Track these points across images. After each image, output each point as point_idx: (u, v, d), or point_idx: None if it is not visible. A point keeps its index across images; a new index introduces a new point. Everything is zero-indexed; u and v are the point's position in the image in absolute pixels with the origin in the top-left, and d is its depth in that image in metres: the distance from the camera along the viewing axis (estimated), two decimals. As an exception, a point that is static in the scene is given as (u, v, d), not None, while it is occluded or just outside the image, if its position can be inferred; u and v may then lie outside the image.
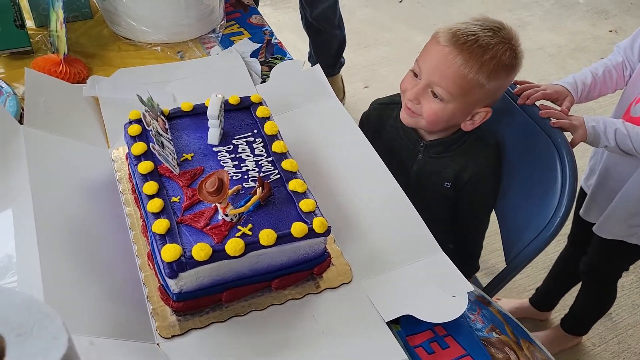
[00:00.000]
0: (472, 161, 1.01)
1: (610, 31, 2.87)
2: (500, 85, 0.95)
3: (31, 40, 1.11)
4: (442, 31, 0.92)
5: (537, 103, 1.02)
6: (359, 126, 1.13)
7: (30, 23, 1.17)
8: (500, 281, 1.05)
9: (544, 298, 1.60)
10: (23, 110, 0.93)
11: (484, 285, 1.10)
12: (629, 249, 1.22)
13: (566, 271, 1.51)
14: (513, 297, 1.68)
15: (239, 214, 0.72)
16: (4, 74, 1.06)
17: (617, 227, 1.20)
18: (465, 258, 1.12)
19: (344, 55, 2.14)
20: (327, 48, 2.12)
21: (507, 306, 1.63)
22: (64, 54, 1.05)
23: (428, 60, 0.93)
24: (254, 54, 1.17)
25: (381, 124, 1.09)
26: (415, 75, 0.96)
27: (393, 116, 1.07)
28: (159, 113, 0.82)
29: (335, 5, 1.99)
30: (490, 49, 0.89)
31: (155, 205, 0.71)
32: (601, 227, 1.22)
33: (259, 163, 0.80)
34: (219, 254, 0.66)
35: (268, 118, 0.87)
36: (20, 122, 0.89)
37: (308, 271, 0.75)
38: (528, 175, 1.03)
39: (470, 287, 0.74)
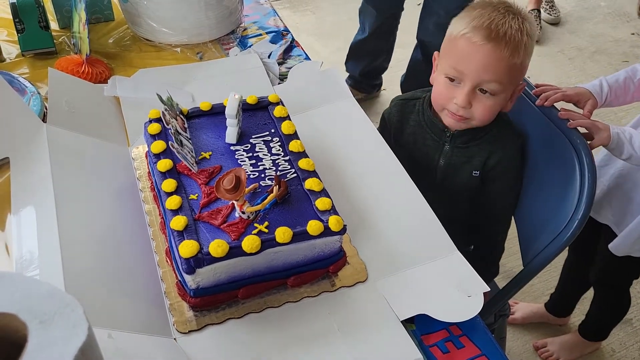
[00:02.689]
0: (500, 147, 1.01)
1: (633, 34, 2.83)
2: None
3: (55, 41, 1.14)
4: (469, 30, 0.91)
5: (558, 105, 1.02)
6: (380, 124, 1.14)
7: (54, 25, 1.20)
8: (516, 284, 1.04)
9: (559, 304, 1.59)
10: (46, 109, 0.96)
11: (500, 288, 1.10)
12: (638, 261, 1.20)
13: (573, 278, 1.50)
14: (530, 301, 1.67)
15: (255, 211, 0.72)
16: (28, 74, 1.08)
17: (634, 246, 1.18)
18: (485, 261, 1.11)
19: None
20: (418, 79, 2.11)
21: (524, 310, 1.62)
22: (87, 55, 1.07)
23: (471, 62, 0.92)
24: (272, 55, 1.18)
25: (403, 120, 1.08)
26: (451, 80, 0.95)
27: (415, 111, 1.06)
28: (178, 112, 0.83)
29: None
30: (523, 30, 0.91)
31: (173, 202, 0.72)
32: (618, 247, 1.19)
33: (276, 162, 0.81)
34: (235, 250, 0.67)
35: (285, 118, 0.88)
36: (44, 120, 0.92)
37: (324, 269, 0.75)
38: (546, 177, 1.02)
39: (487, 287, 0.74)
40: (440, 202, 0.86)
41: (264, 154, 0.82)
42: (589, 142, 0.96)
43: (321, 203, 0.74)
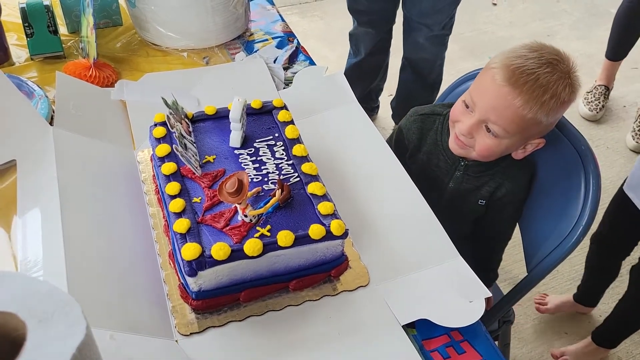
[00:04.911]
0: (509, 179, 1.00)
1: None
2: (557, 118, 0.93)
3: (63, 45, 1.15)
4: (498, 67, 0.88)
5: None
6: (397, 136, 1.12)
7: (63, 29, 1.21)
8: (520, 290, 1.04)
9: (586, 295, 1.63)
10: (54, 112, 0.97)
11: (504, 294, 1.09)
12: None
13: (597, 269, 1.53)
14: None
15: (258, 215, 0.73)
16: (36, 78, 1.10)
17: None
18: (483, 269, 1.11)
19: None
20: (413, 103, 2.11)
21: (555, 301, 1.66)
22: (94, 59, 1.08)
23: (484, 97, 0.90)
24: (278, 60, 1.19)
25: (422, 137, 1.06)
26: (467, 106, 0.93)
27: (434, 128, 1.05)
28: (183, 116, 0.84)
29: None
30: (550, 88, 0.86)
31: (177, 205, 0.73)
32: None
33: (279, 166, 0.82)
34: (237, 253, 0.68)
35: (289, 122, 0.88)
36: (51, 123, 0.93)
37: (325, 273, 0.75)
38: (551, 184, 1.01)
39: (489, 293, 0.74)
40: (444, 221, 0.84)
41: (267, 158, 0.83)
42: None
43: (323, 207, 0.74)
